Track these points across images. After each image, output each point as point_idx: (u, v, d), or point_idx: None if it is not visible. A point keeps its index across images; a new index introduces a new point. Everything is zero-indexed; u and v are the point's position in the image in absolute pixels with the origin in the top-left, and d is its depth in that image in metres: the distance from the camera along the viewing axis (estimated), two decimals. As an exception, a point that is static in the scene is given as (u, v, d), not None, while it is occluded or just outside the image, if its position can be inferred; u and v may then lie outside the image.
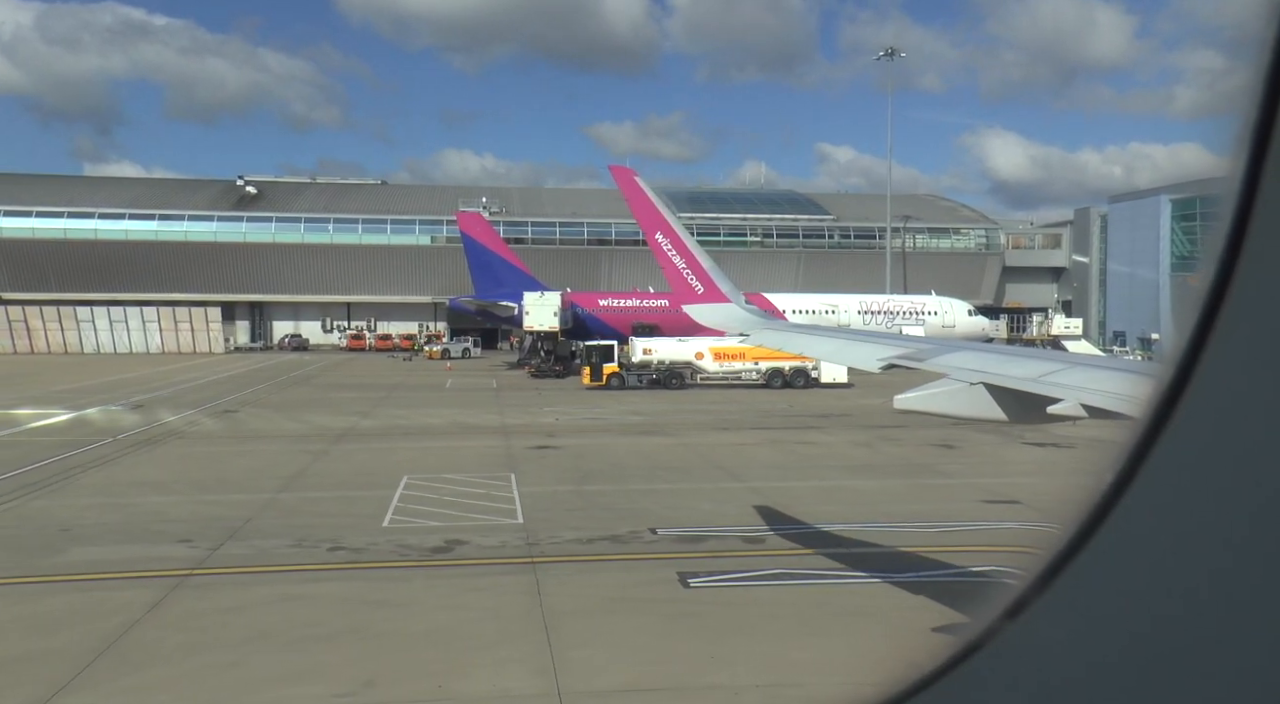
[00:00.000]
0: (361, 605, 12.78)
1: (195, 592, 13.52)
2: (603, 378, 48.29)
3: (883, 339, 12.76)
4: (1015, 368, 8.13)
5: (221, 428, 33.17)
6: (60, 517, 18.62)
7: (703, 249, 17.43)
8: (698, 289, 16.64)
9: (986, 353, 9.93)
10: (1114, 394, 6.52)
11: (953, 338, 67.80)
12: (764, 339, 15.69)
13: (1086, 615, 1.35)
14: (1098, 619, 1.34)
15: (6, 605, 13.09)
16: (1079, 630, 1.33)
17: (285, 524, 17.79)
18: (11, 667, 10.65)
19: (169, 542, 16.53)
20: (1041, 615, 1.36)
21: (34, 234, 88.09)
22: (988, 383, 7.99)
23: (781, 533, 17.09)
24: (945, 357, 9.32)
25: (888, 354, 10.21)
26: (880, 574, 14.17)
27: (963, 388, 8.19)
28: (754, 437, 30.86)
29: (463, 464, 24.70)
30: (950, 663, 1.40)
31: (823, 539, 16.55)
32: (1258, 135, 1.20)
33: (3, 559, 15.39)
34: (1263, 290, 1.22)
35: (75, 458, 25.94)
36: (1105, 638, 1.29)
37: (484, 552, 15.67)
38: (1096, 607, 1.35)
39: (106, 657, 10.83)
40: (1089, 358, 10.46)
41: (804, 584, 13.89)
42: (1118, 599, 1.33)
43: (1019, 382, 7.76)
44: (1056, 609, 1.36)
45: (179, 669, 10.53)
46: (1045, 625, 1.36)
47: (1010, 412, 7.89)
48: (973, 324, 70.19)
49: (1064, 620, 1.36)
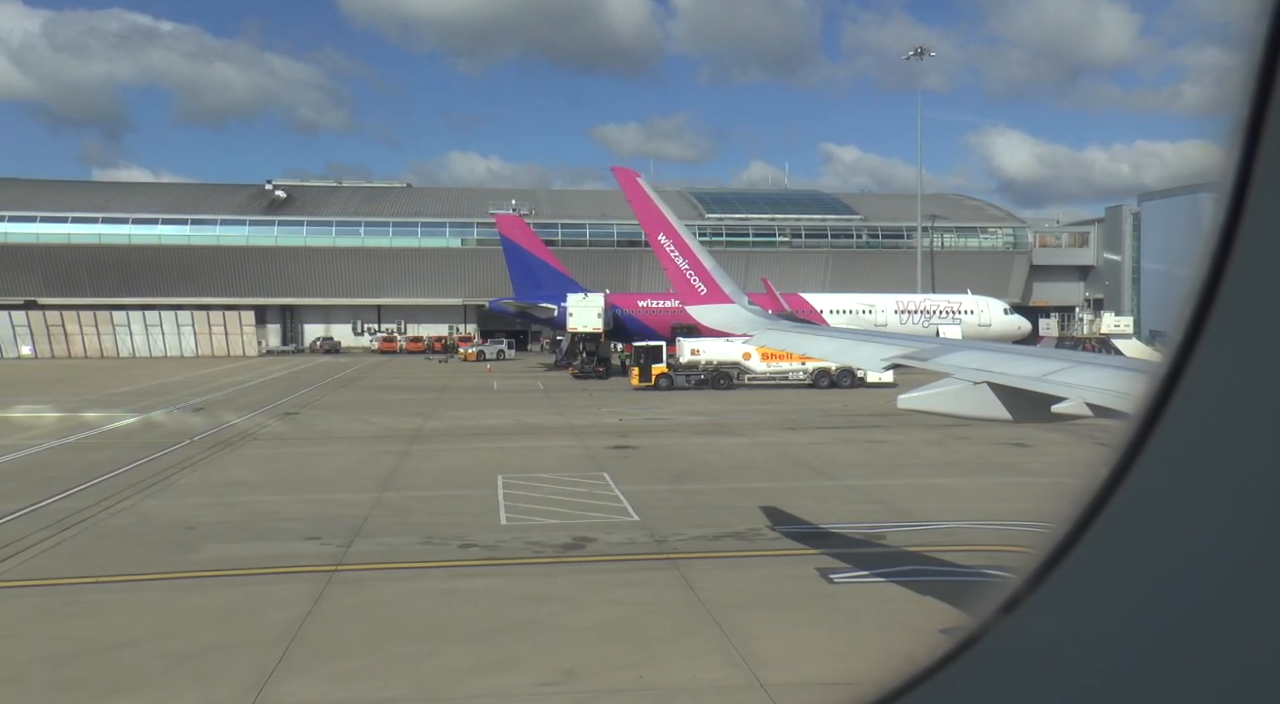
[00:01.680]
0: (521, 600, 13.01)
1: (349, 587, 13.77)
2: (651, 378, 48.48)
3: (885, 339, 12.64)
4: (1019, 367, 8.06)
5: (291, 430, 33.51)
6: (178, 516, 18.94)
7: (705, 249, 17.46)
8: (701, 290, 16.74)
9: (990, 352, 9.87)
10: (1119, 393, 6.35)
11: (988, 337, 67.73)
12: (767, 340, 15.73)
13: (1081, 610, 1.36)
14: (1092, 613, 1.34)
15: (175, 597, 13.39)
16: (1074, 625, 1.34)
17: (403, 522, 18.05)
18: (212, 655, 10.92)
19: (296, 539, 16.80)
20: (1036, 610, 1.36)
21: (69, 239, 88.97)
22: (991, 382, 7.92)
23: (898, 530, 17.23)
24: (949, 356, 9.25)
25: (890, 354, 10.21)
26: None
27: (966, 387, 8.11)
28: (824, 436, 30.99)
29: (549, 464, 24.92)
30: (947, 658, 1.40)
31: (942, 536, 16.68)
32: (1249, 131, 1.19)
33: (146, 555, 15.72)
34: (1255, 286, 1.22)
35: (162, 459, 26.30)
36: (1099, 631, 1.30)
37: (616, 548, 15.88)
38: (1091, 601, 1.36)
39: (297, 646, 11.09)
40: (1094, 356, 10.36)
41: (944, 581, 14.03)
42: (1112, 593, 1.33)
43: (1023, 381, 7.67)
44: (1051, 604, 1.36)
45: (376, 659, 10.77)
46: (1040, 620, 1.37)
47: (1014, 411, 7.80)
48: (1008, 323, 70.04)
49: (1059, 615, 1.36)
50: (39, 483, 22.61)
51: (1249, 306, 1.23)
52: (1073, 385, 7.10)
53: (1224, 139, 1.22)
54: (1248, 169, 1.20)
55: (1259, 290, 1.22)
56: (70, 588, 14.05)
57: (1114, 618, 1.31)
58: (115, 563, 15.32)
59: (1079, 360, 8.54)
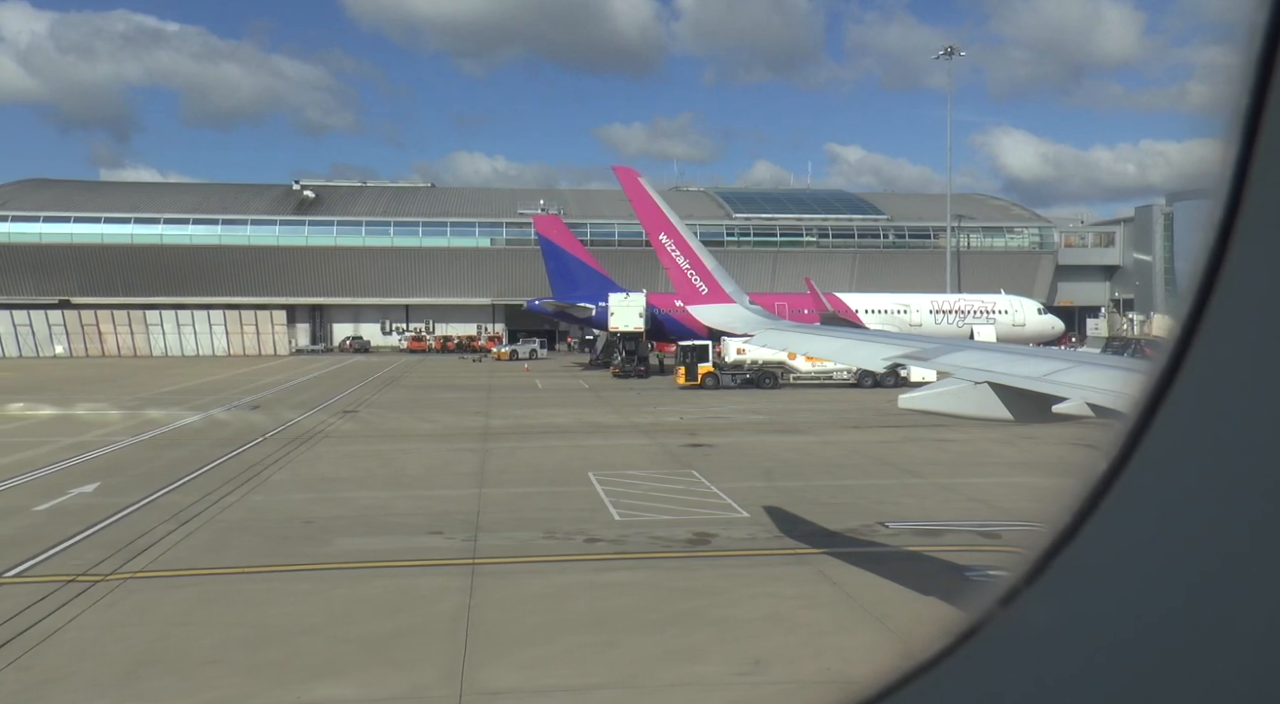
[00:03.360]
0: (674, 593, 13.27)
1: (498, 579, 14.06)
2: (698, 378, 48.73)
3: (887, 339, 12.58)
4: (1020, 367, 8.02)
5: (357, 428, 33.85)
6: (289, 511, 19.28)
7: (706, 249, 17.45)
8: (702, 289, 16.80)
9: (991, 352, 9.84)
10: (1120, 393, 6.24)
11: (1022, 337, 67.71)
12: (768, 339, 15.73)
13: (1078, 602, 1.37)
14: (1089, 606, 1.36)
15: (332, 587, 13.71)
16: (1071, 617, 1.35)
17: (517, 518, 18.33)
18: (396, 642, 11.22)
19: (419, 534, 17.12)
20: (1034, 603, 1.38)
21: (102, 240, 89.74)
22: (992, 382, 7.88)
23: (1011, 529, 17.43)
24: (950, 356, 9.21)
25: (892, 353, 10.17)
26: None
27: (968, 387, 8.07)
28: (890, 434, 31.20)
29: (633, 461, 25.20)
30: (945, 650, 1.41)
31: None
32: (1246, 129, 1.19)
33: (280, 548, 16.06)
34: (1252, 283, 1.22)
35: (244, 456, 26.68)
36: (1096, 624, 1.32)
37: (740, 543, 16.14)
38: (1088, 593, 1.37)
39: (475, 635, 11.38)
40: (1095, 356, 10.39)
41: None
42: (1109, 586, 1.34)
43: (1024, 381, 7.62)
44: (1049, 596, 1.37)
45: (558, 648, 11.05)
46: (1038, 612, 1.38)
47: (1016, 411, 7.79)
48: (1042, 323, 70.01)
49: (1056, 607, 1.37)
50: (139, 478, 23.01)
51: (1246, 302, 1.23)
52: (1074, 385, 7.08)
53: (1222, 136, 1.22)
54: (1244, 166, 1.20)
55: (1256, 286, 1.22)
56: (222, 578, 14.40)
57: (1111, 610, 1.32)
58: (252, 555, 15.66)
59: (1080, 360, 8.42)
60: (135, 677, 10.47)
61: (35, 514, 19.21)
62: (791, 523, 17.64)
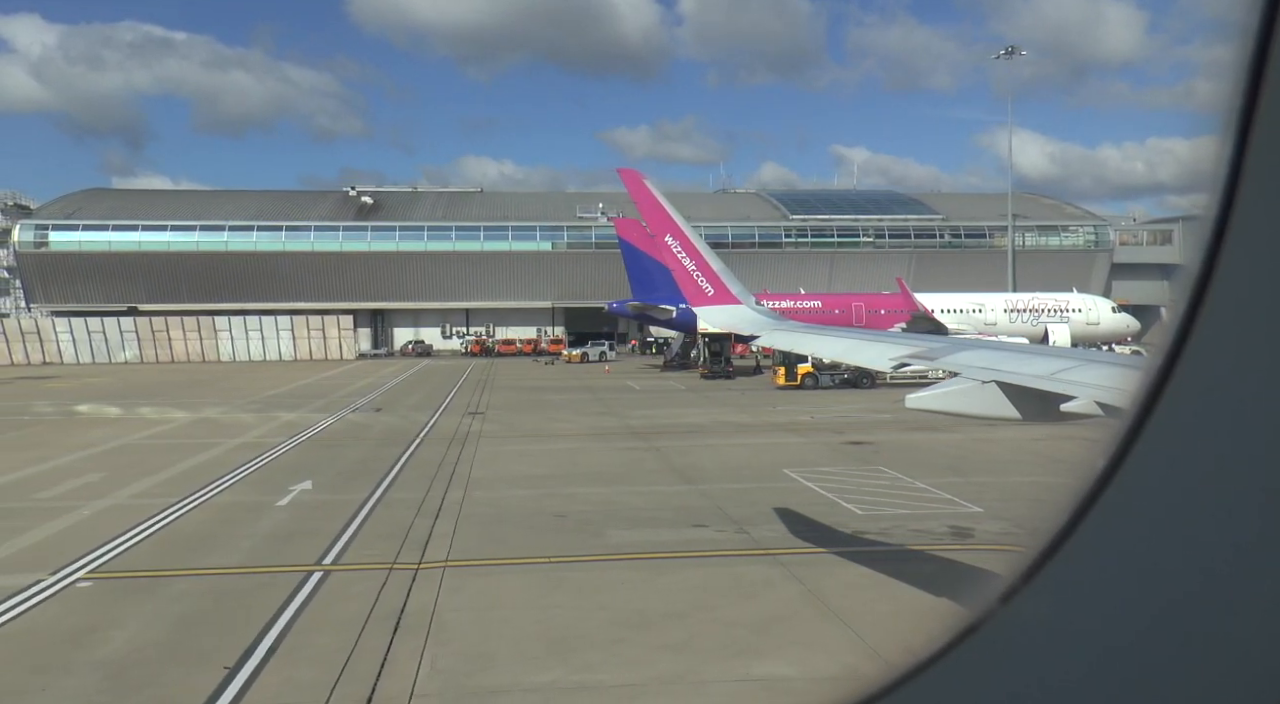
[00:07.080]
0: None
1: (815, 569, 14.57)
2: (797, 378, 49.23)
3: (893, 338, 12.74)
4: (1028, 366, 7.99)
5: (499, 429, 34.49)
6: (527, 505, 19.93)
7: (711, 250, 17.66)
8: (708, 291, 17.02)
9: (999, 351, 9.89)
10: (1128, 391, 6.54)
11: (1096, 336, 67.83)
12: (773, 340, 15.90)
13: (1076, 599, 1.38)
14: (1086, 603, 1.38)
15: (651, 576, 14.33)
16: (1069, 614, 1.37)
17: (759, 512, 18.89)
18: (778, 625, 11.84)
19: (683, 527, 17.76)
20: (1032, 600, 1.39)
21: (169, 247, 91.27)
22: (1000, 381, 7.87)
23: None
24: (957, 355, 9.26)
25: (899, 353, 10.26)
26: None
27: (975, 386, 8.05)
28: (1034, 431, 31.53)
29: (812, 459, 25.77)
30: (945, 648, 1.43)
31: None
32: (1240, 127, 1.20)
33: (556, 540, 16.73)
34: (1247, 280, 1.23)
35: (418, 455, 27.42)
36: (1094, 621, 1.34)
37: (1005, 538, 16.66)
38: (1085, 591, 1.38)
39: (848, 619, 11.96)
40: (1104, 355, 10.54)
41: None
42: (1106, 583, 1.36)
43: (1032, 380, 7.58)
44: (1047, 594, 1.39)
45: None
46: (1036, 610, 1.40)
47: (1023, 410, 7.77)
48: (1117, 322, 70.04)
49: (1054, 604, 1.39)
50: (342, 477, 23.78)
51: (1241, 300, 1.24)
52: (1082, 384, 7.02)
53: (1217, 133, 1.23)
54: (1239, 163, 1.21)
55: (1251, 284, 1.23)
56: (537, 567, 15.04)
57: (1108, 607, 1.33)
58: (539, 546, 16.32)
59: (1088, 359, 8.46)
60: (561, 651, 11.12)
61: (281, 510, 19.97)
62: (1026, 516, 18.14)
